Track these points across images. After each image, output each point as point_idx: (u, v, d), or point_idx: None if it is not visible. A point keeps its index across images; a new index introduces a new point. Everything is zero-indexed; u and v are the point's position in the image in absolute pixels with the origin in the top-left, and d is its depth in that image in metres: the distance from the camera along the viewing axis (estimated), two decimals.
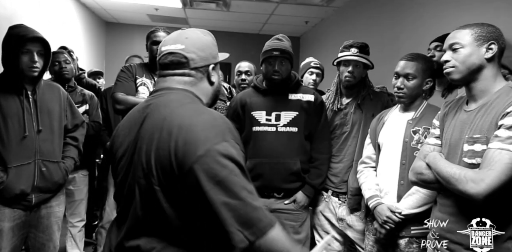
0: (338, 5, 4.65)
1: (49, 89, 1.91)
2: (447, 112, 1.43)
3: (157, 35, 2.22)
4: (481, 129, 1.22)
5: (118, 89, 2.14)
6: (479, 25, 1.28)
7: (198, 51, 1.05)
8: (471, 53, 1.26)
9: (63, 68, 2.51)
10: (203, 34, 1.10)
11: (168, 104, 0.99)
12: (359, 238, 1.97)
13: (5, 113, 1.71)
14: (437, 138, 1.43)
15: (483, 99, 1.28)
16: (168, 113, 0.95)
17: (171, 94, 1.02)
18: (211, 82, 1.09)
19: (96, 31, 5.91)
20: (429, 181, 1.32)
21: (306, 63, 2.87)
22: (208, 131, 0.90)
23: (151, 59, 2.26)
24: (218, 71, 1.14)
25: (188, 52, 1.04)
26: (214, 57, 1.09)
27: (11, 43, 1.72)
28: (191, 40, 1.05)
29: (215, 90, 1.12)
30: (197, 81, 1.06)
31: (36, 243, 1.87)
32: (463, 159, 1.25)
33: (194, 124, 0.91)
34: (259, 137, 1.97)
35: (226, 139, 0.90)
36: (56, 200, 1.91)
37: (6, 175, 1.68)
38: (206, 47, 1.07)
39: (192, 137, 0.88)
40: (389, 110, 1.85)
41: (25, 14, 3.58)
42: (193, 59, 1.04)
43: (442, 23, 2.66)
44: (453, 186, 1.19)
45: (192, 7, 5.13)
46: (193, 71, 1.05)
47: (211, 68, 1.08)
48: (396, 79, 1.71)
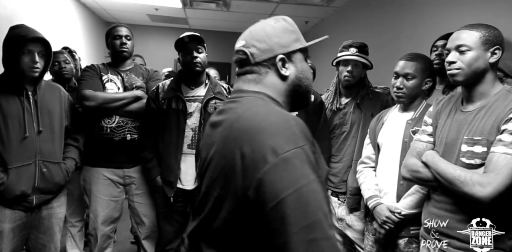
0: (338, 5, 4.65)
1: (50, 90, 1.91)
2: (440, 110, 1.44)
3: (118, 29, 2.21)
4: (481, 131, 1.24)
5: (84, 86, 2.12)
6: (486, 28, 1.28)
7: (258, 43, 0.91)
8: (478, 57, 1.26)
9: (62, 68, 2.51)
10: (274, 21, 0.94)
11: (235, 110, 0.87)
12: (359, 238, 1.98)
13: (5, 114, 1.70)
14: (429, 135, 1.45)
15: (481, 101, 1.30)
16: (235, 119, 0.84)
17: (242, 97, 0.90)
18: (282, 76, 0.91)
19: (96, 31, 5.92)
20: (426, 179, 1.35)
21: None
22: (277, 137, 0.76)
23: (113, 55, 2.24)
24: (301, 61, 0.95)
25: (247, 47, 0.92)
26: (284, 46, 0.91)
27: (12, 43, 1.72)
28: (252, 33, 0.93)
29: (292, 85, 0.93)
30: (261, 77, 0.91)
31: (37, 244, 1.86)
32: (460, 158, 1.28)
33: (262, 129, 0.77)
34: None
35: (298, 145, 0.75)
36: (57, 201, 1.91)
37: (6, 176, 1.68)
38: (269, 36, 0.91)
39: (259, 144, 0.75)
40: (389, 110, 1.85)
41: (25, 14, 3.58)
42: (252, 53, 0.91)
43: (442, 23, 2.66)
44: (457, 188, 1.21)
45: (192, 7, 5.14)
46: (255, 67, 0.92)
47: (279, 59, 0.90)
48: (395, 79, 1.71)
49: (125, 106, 2.13)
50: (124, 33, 2.21)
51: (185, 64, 2.05)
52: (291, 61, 0.93)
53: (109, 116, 2.12)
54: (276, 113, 0.84)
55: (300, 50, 0.94)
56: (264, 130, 0.77)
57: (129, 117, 2.15)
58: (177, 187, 2.06)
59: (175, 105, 2.04)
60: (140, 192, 2.25)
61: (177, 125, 2.04)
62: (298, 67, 0.93)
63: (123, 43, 2.19)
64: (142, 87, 2.21)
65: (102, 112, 2.11)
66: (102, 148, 2.15)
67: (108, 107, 2.09)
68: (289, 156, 0.73)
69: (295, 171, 0.72)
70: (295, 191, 0.70)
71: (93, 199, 2.20)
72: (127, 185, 2.25)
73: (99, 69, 2.21)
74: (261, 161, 0.73)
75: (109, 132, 2.12)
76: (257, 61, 0.91)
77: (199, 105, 2.06)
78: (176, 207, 2.10)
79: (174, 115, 2.04)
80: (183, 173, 2.06)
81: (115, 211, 2.25)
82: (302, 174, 0.72)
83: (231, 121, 0.85)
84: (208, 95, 2.07)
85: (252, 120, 0.81)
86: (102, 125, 2.12)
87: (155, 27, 6.50)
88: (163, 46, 6.32)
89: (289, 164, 0.72)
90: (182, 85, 2.10)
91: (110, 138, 2.12)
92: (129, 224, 2.44)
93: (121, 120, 2.14)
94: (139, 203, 2.26)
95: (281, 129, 0.78)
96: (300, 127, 0.81)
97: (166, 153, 2.06)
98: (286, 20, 0.96)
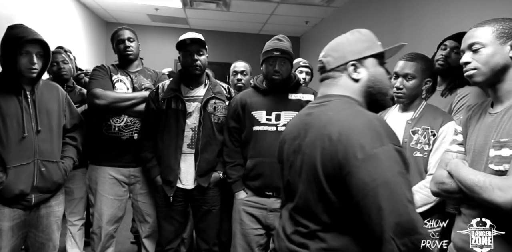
0: (338, 5, 4.65)
1: (48, 89, 1.91)
2: (470, 116, 1.31)
3: (120, 33, 2.25)
4: (508, 132, 1.11)
5: (95, 85, 2.15)
6: (499, 20, 1.17)
7: (333, 53, 1.07)
8: (494, 53, 1.14)
9: (61, 68, 2.51)
10: (350, 34, 1.10)
11: (326, 112, 1.01)
12: None
13: (4, 114, 1.70)
14: (459, 145, 1.33)
15: (510, 101, 1.17)
16: (327, 121, 0.97)
17: (329, 101, 1.04)
18: (354, 79, 1.05)
19: (96, 31, 5.92)
20: (452, 191, 1.21)
21: (295, 63, 2.97)
22: (365, 135, 0.89)
23: (120, 58, 2.29)
24: (374, 66, 1.06)
25: (325, 57, 1.09)
26: (355, 53, 1.05)
27: (10, 44, 1.71)
28: (330, 45, 1.10)
29: (365, 87, 1.05)
30: (336, 80, 1.06)
31: (35, 242, 1.87)
32: (489, 165, 1.14)
33: (352, 129, 0.90)
34: (259, 137, 1.97)
35: (384, 143, 0.87)
36: (55, 199, 1.92)
37: (5, 176, 1.68)
38: (341, 46, 1.07)
39: (350, 142, 0.88)
40: (388, 110, 1.85)
41: (25, 14, 3.58)
42: (328, 61, 1.07)
43: (442, 23, 2.66)
44: (477, 195, 1.08)
45: (192, 7, 5.14)
46: (331, 73, 1.07)
47: (350, 65, 1.04)
48: (395, 79, 1.71)
49: (134, 106, 2.17)
50: (126, 36, 2.24)
51: (185, 66, 2.06)
52: (363, 66, 1.05)
53: (118, 115, 2.15)
54: (362, 115, 0.96)
55: (374, 56, 1.06)
56: (353, 130, 0.90)
57: (137, 117, 2.18)
58: (176, 186, 2.06)
59: (175, 105, 2.05)
60: (144, 191, 2.27)
61: (177, 125, 2.04)
62: (370, 71, 1.05)
63: (126, 47, 2.23)
64: (151, 89, 2.24)
65: (111, 111, 2.14)
66: (109, 146, 2.18)
67: (117, 106, 2.13)
68: (375, 152, 0.86)
69: (381, 165, 0.85)
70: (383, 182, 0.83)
71: (99, 198, 2.21)
72: (132, 184, 2.27)
73: (109, 69, 2.25)
74: (352, 157, 0.87)
75: (117, 131, 2.15)
76: (332, 67, 1.06)
77: (199, 105, 2.07)
78: (176, 206, 2.11)
79: (174, 115, 2.05)
80: (182, 173, 2.07)
81: (119, 210, 2.26)
82: (388, 168, 0.84)
83: (323, 122, 0.97)
84: (207, 95, 2.08)
85: (343, 121, 0.93)
86: (110, 124, 2.15)
87: (155, 27, 6.49)
88: (163, 46, 6.32)
89: (375, 160, 0.85)
90: (182, 85, 2.11)
91: (118, 137, 2.15)
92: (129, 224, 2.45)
93: (129, 119, 2.17)
94: (143, 202, 2.27)
95: (368, 130, 0.90)
96: (384, 126, 0.92)
97: (165, 153, 2.06)
98: (361, 32, 1.09)
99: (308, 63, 2.99)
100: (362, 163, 0.85)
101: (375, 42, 1.09)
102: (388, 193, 0.82)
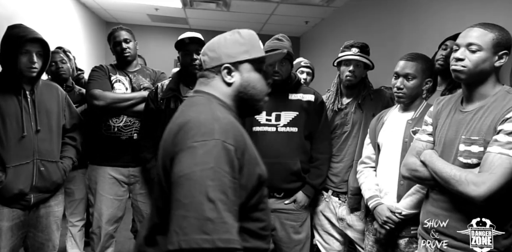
0: (338, 5, 4.64)
1: (47, 89, 1.92)
2: (440, 110, 1.45)
3: (116, 35, 2.26)
4: (479, 131, 1.24)
5: (93, 86, 2.16)
6: (500, 30, 1.26)
7: (210, 52, 1.05)
8: (486, 59, 1.25)
9: (60, 68, 2.51)
10: (230, 34, 1.06)
11: (183, 106, 1.02)
12: (359, 238, 1.97)
13: (3, 113, 1.71)
14: (429, 135, 1.46)
15: (480, 102, 1.30)
16: (177, 116, 0.98)
17: (194, 97, 1.05)
18: (227, 82, 1.03)
19: (96, 31, 5.91)
20: (424, 178, 1.37)
21: (296, 63, 2.98)
22: (197, 130, 0.87)
23: (118, 59, 2.30)
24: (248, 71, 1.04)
25: (203, 55, 1.07)
26: (230, 56, 1.03)
27: (10, 43, 1.72)
28: (209, 43, 1.08)
29: (236, 91, 1.04)
30: (209, 80, 1.05)
31: (35, 242, 1.87)
32: (458, 158, 1.28)
33: (189, 123, 0.90)
34: (259, 137, 1.97)
35: (209, 139, 0.85)
36: (55, 199, 1.92)
37: (4, 175, 1.69)
38: (219, 47, 1.04)
39: (182, 136, 0.88)
40: (389, 110, 1.85)
41: (25, 14, 3.58)
42: (204, 61, 1.06)
43: (442, 23, 2.66)
44: (452, 187, 1.23)
45: (192, 7, 5.13)
46: (206, 72, 1.05)
47: (224, 68, 1.02)
48: (395, 79, 1.71)
49: (133, 106, 2.18)
50: (122, 37, 2.24)
51: (184, 65, 2.06)
52: (238, 70, 1.03)
53: (117, 115, 2.16)
54: (208, 111, 0.94)
55: (249, 61, 1.04)
56: (189, 124, 0.89)
57: (136, 117, 2.18)
58: None
59: (174, 105, 2.05)
60: (144, 191, 2.27)
61: None
62: (244, 76, 1.04)
63: (123, 49, 2.24)
64: (150, 88, 2.24)
65: (110, 112, 2.15)
66: (108, 146, 2.19)
67: (116, 106, 2.14)
68: (194, 146, 0.84)
69: (194, 158, 0.83)
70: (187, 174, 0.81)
71: (98, 197, 2.21)
72: (132, 184, 2.27)
73: (108, 69, 2.25)
74: (178, 147, 0.87)
75: (117, 131, 2.16)
76: (207, 67, 1.05)
77: None
78: None
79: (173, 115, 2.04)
80: None
81: (119, 210, 2.26)
82: (200, 162, 0.82)
83: (176, 116, 0.99)
84: None
85: (188, 116, 0.93)
86: (109, 124, 2.16)
87: (155, 27, 6.49)
88: (163, 46, 6.31)
89: (191, 153, 0.84)
90: (181, 85, 2.10)
91: (117, 137, 2.16)
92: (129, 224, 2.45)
93: (128, 119, 2.18)
94: (143, 202, 2.27)
95: (204, 124, 0.88)
96: (225, 126, 0.90)
97: None
98: (241, 33, 1.06)
99: (309, 63, 2.99)
100: (179, 154, 0.85)
101: (254, 46, 1.07)
102: (187, 186, 0.80)
